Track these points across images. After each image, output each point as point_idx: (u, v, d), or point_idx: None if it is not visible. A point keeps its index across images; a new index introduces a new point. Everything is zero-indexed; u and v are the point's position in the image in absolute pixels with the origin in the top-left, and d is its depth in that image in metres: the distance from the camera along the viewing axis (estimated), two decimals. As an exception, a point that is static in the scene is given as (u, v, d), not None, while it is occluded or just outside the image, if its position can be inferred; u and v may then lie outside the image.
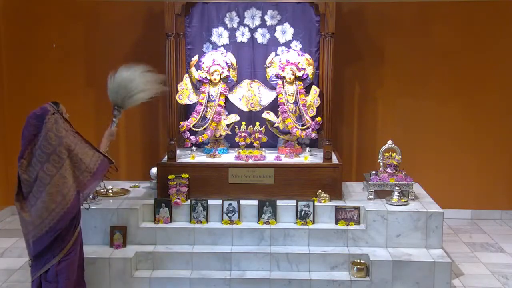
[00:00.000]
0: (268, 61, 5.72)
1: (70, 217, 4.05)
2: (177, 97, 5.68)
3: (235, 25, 5.90)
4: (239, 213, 5.29)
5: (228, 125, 5.80)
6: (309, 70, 5.67)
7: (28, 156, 3.99)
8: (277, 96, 5.70)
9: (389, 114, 6.73)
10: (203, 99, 5.69)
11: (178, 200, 5.31)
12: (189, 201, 5.34)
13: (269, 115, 5.72)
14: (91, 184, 4.18)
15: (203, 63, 5.72)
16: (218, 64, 5.67)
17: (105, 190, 5.65)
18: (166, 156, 5.58)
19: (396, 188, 5.41)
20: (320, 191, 5.37)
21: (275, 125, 5.78)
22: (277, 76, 5.68)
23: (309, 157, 5.65)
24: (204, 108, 5.69)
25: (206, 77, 5.66)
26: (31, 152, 3.99)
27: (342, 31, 6.05)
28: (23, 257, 5.46)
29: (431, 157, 6.75)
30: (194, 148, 5.76)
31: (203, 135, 5.70)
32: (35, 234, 4.00)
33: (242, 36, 5.92)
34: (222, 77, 5.68)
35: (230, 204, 5.29)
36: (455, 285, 5.05)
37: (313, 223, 5.26)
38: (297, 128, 5.62)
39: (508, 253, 5.81)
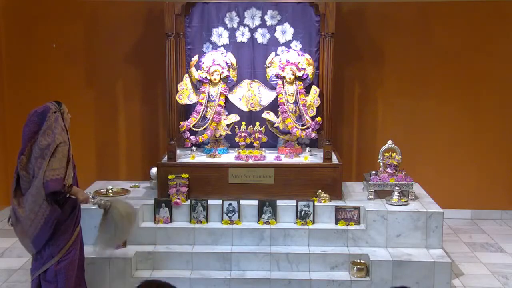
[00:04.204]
0: (268, 61, 5.72)
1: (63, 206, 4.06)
2: (177, 97, 5.68)
3: (235, 25, 5.90)
4: (239, 213, 5.29)
5: (228, 125, 5.80)
6: (309, 70, 5.67)
7: (28, 153, 4.01)
8: (277, 96, 5.70)
9: (389, 114, 6.73)
10: (203, 99, 5.69)
11: (178, 200, 5.31)
12: (189, 201, 5.34)
13: (269, 115, 5.72)
14: (51, 185, 4.01)
15: (203, 63, 5.72)
16: (218, 64, 5.66)
17: (105, 190, 5.66)
18: (166, 156, 5.58)
19: (396, 188, 5.41)
20: (320, 191, 5.37)
21: (275, 125, 5.78)
22: (277, 76, 5.68)
23: (309, 157, 5.65)
24: (204, 108, 5.69)
25: (206, 77, 5.66)
26: (30, 149, 4.01)
27: (342, 31, 6.05)
28: (23, 257, 5.46)
29: (431, 157, 6.75)
30: (194, 148, 5.76)
31: (203, 135, 5.70)
32: (34, 230, 4.00)
33: (242, 36, 5.92)
34: (222, 77, 5.68)
35: (230, 204, 5.29)
36: (455, 285, 5.05)
37: (313, 223, 5.26)
38: (297, 128, 5.62)
39: (508, 253, 5.81)
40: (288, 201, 5.34)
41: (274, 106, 5.76)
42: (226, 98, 5.76)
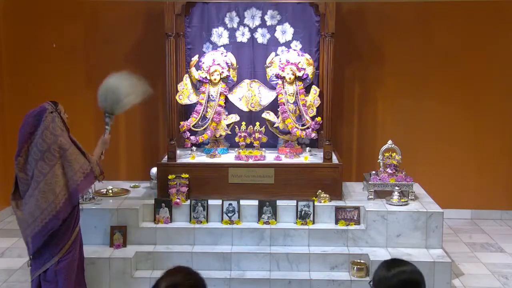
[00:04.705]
0: (268, 61, 5.72)
1: (62, 217, 4.02)
2: (177, 97, 5.68)
3: (235, 25, 5.90)
4: (239, 213, 5.29)
5: (228, 125, 5.80)
6: (309, 70, 5.67)
7: (25, 154, 3.99)
8: (277, 96, 5.70)
9: (389, 114, 6.73)
10: (203, 99, 5.69)
11: (178, 200, 5.31)
12: (189, 201, 5.34)
13: (269, 115, 5.72)
14: (83, 186, 4.13)
15: (203, 63, 5.72)
16: (218, 64, 5.66)
17: (105, 190, 5.66)
18: (166, 156, 5.58)
19: (396, 188, 5.41)
20: (320, 191, 5.37)
21: (275, 125, 5.78)
22: (277, 76, 5.68)
23: (309, 157, 5.65)
24: (204, 108, 5.69)
25: (206, 77, 5.66)
26: (27, 150, 3.99)
27: (342, 31, 6.05)
28: (23, 257, 5.45)
29: (431, 157, 6.75)
30: (194, 148, 5.76)
31: (203, 135, 5.70)
32: (30, 233, 3.99)
33: (242, 36, 5.92)
34: (222, 77, 5.68)
35: (230, 204, 5.29)
36: (455, 285, 5.04)
37: (313, 223, 5.26)
38: (297, 128, 5.62)
39: (508, 253, 5.81)
40: (288, 201, 5.34)
41: (274, 106, 5.75)
42: (226, 98, 5.76)
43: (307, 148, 5.85)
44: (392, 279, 2.46)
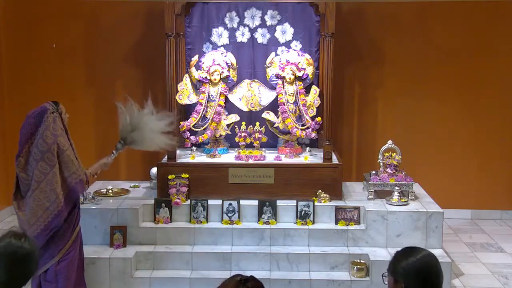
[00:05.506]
0: (268, 61, 5.72)
1: (64, 215, 4.05)
2: (177, 97, 5.68)
3: (235, 25, 5.90)
4: (239, 213, 5.29)
5: (228, 125, 5.80)
6: (309, 70, 5.67)
7: (26, 154, 4.00)
8: (277, 96, 5.70)
9: (389, 114, 6.73)
10: (203, 99, 5.69)
11: (178, 200, 5.31)
12: (189, 201, 5.34)
13: (269, 115, 5.72)
14: (76, 189, 4.15)
15: (203, 63, 5.72)
16: (218, 64, 5.66)
17: (105, 190, 5.66)
18: (166, 156, 5.58)
19: (396, 188, 5.41)
20: (320, 191, 5.37)
21: (275, 125, 5.78)
22: (277, 76, 5.68)
23: (309, 157, 5.65)
24: (204, 108, 5.69)
25: (206, 77, 5.66)
26: (28, 151, 3.99)
27: (342, 31, 6.05)
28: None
29: (431, 157, 6.75)
30: (194, 148, 5.76)
31: (203, 135, 5.70)
32: (31, 234, 3.99)
33: (242, 36, 5.91)
34: (222, 77, 5.68)
35: (230, 204, 5.29)
36: (455, 285, 5.04)
37: (313, 223, 5.25)
38: (297, 128, 5.62)
39: (508, 253, 5.81)
40: (288, 201, 5.34)
41: (274, 106, 5.75)
42: (226, 98, 5.75)
43: (307, 148, 5.85)
44: (421, 263, 2.61)
